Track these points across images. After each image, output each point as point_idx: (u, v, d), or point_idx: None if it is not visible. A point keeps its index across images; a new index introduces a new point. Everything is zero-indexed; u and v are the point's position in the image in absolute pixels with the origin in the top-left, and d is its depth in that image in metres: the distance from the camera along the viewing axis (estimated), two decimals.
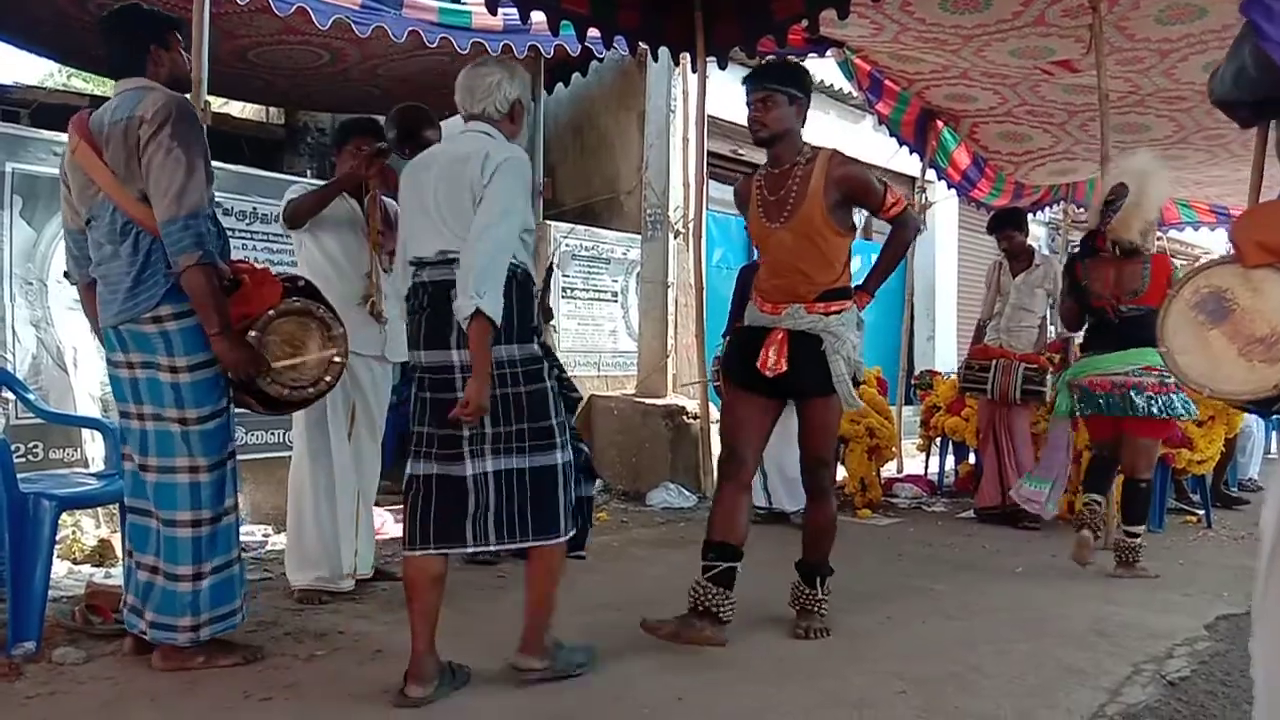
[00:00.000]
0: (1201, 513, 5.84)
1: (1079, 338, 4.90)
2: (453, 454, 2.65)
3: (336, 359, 3.04)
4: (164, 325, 2.76)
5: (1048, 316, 6.07)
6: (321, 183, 3.85)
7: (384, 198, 3.82)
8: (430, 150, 2.90)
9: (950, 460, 7.07)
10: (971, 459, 6.61)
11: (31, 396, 3.80)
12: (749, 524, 3.29)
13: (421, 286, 2.68)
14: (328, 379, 3.04)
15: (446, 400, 2.62)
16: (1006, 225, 5.93)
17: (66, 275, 3.11)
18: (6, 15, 5.89)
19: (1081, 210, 10.85)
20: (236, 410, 3.00)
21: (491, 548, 2.74)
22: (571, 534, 2.80)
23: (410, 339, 2.74)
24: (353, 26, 5.11)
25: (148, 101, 2.74)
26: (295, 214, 3.65)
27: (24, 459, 4.10)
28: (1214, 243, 17.25)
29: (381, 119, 3.94)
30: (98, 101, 6.80)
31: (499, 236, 2.55)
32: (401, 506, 2.77)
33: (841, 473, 6.43)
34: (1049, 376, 5.62)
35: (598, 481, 6.58)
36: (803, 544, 3.46)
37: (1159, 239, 11.66)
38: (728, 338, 5.55)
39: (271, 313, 2.89)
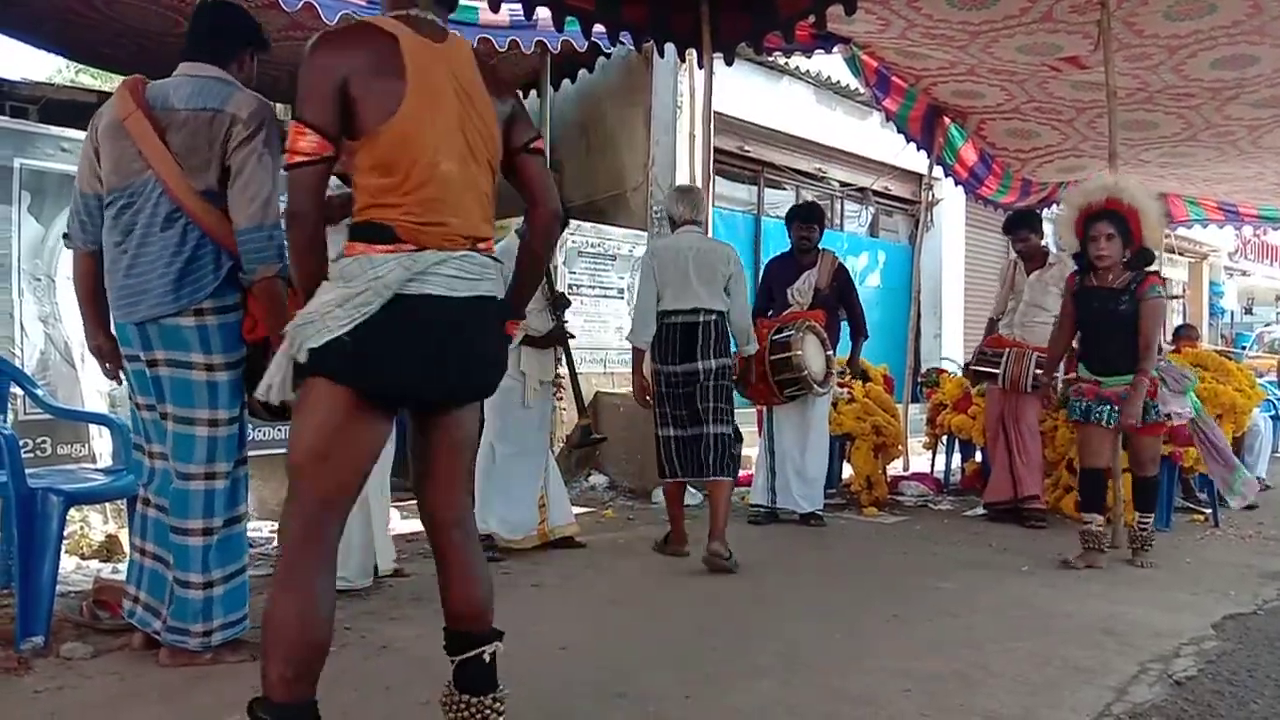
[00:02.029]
0: (1209, 511, 5.82)
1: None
2: (696, 422, 4.41)
3: None
4: (204, 320, 2.70)
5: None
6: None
7: None
8: (678, 239, 4.49)
9: (957, 458, 7.06)
10: (978, 457, 6.59)
11: (40, 392, 3.81)
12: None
13: (675, 326, 4.40)
14: None
15: (692, 391, 4.39)
16: (1021, 227, 5.93)
17: (66, 237, 2.95)
18: (14, 10, 5.91)
19: None
20: None
21: (710, 477, 4.41)
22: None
23: (662, 357, 4.42)
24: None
25: (240, 101, 2.68)
26: (332, 212, 3.65)
27: (32, 454, 4.12)
28: (1222, 240, 17.22)
29: None
30: (105, 97, 6.83)
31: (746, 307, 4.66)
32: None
33: (848, 470, 6.43)
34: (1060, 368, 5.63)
35: (604, 478, 6.67)
36: None
37: (1167, 237, 11.65)
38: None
39: None
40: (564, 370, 4.77)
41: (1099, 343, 4.50)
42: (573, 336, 4.74)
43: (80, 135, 4.23)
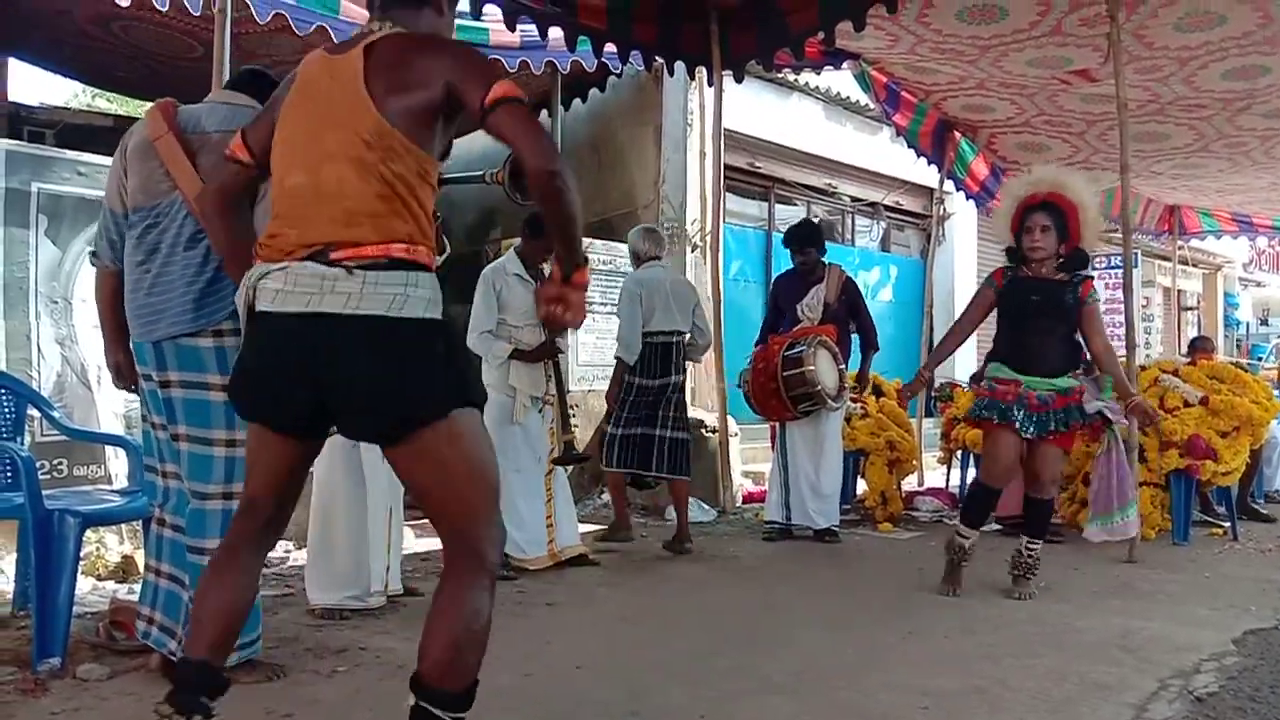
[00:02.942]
0: (1227, 525, 5.77)
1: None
2: (650, 425, 5.08)
3: None
4: (223, 340, 2.69)
5: None
6: None
7: None
8: (654, 272, 5.13)
9: (972, 473, 7.01)
10: None
11: (56, 414, 3.84)
12: None
13: (656, 345, 5.04)
14: None
15: (660, 399, 5.07)
16: None
17: (93, 254, 2.96)
18: (30, 36, 5.99)
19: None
20: None
21: (659, 474, 5.16)
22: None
23: (645, 371, 5.03)
24: None
25: None
26: None
27: (49, 476, 4.14)
28: (1236, 251, 17.12)
29: None
30: (122, 121, 6.92)
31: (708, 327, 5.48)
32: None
33: (862, 486, 6.40)
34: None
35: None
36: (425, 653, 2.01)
37: (1180, 248, 11.60)
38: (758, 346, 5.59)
39: None
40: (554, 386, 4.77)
41: (1028, 338, 4.12)
42: (562, 352, 4.72)
43: (97, 159, 4.31)
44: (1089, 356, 4.27)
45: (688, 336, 5.19)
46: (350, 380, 1.88)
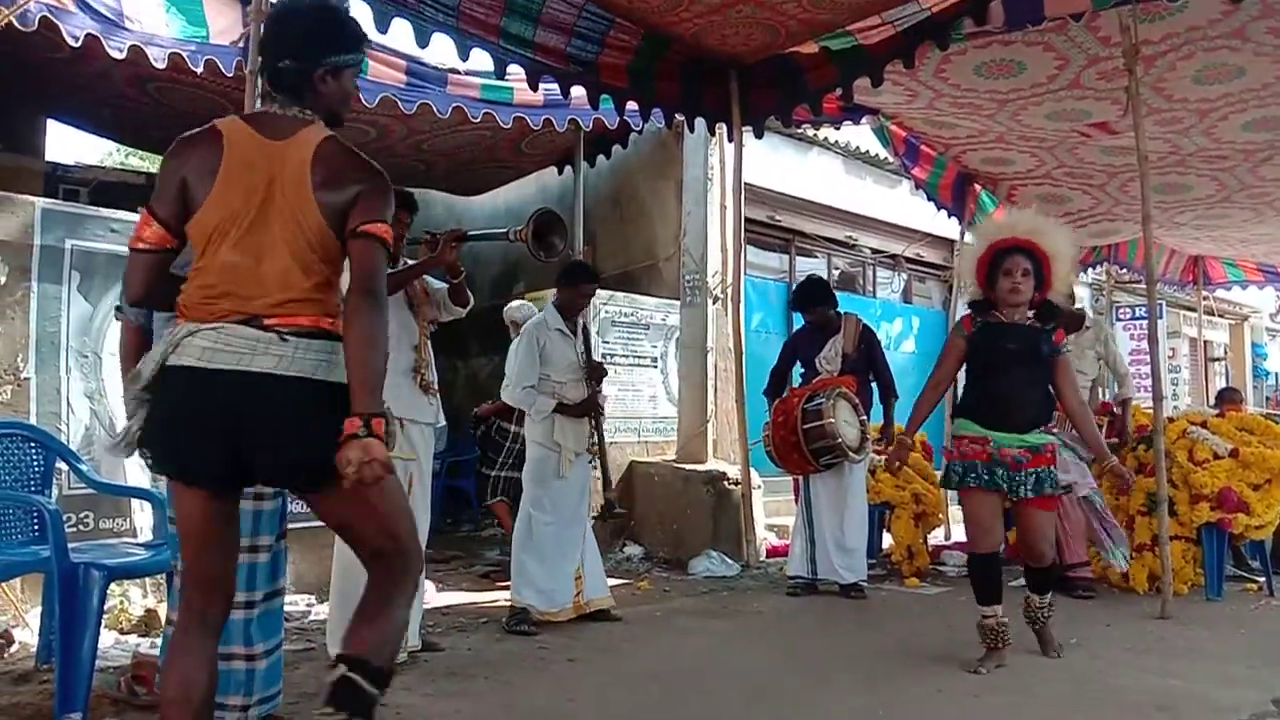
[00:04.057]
0: (1262, 580, 5.65)
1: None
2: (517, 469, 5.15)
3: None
4: None
5: (1098, 379, 5.99)
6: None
7: (427, 275, 3.91)
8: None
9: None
10: None
11: (84, 467, 3.87)
12: None
13: None
14: None
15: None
16: None
17: (118, 309, 3.02)
18: (70, 98, 6.16)
19: (1124, 271, 10.76)
20: None
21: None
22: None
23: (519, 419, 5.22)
24: (399, 103, 5.27)
25: None
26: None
27: (75, 528, 4.16)
28: (1262, 301, 16.98)
29: (413, 191, 4.07)
30: (154, 179, 7.03)
31: None
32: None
33: (887, 540, 6.33)
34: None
35: (639, 548, 6.61)
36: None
37: (1206, 299, 11.53)
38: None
39: None
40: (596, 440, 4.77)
41: (1001, 389, 3.86)
42: (602, 409, 4.74)
43: (130, 216, 4.39)
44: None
45: None
46: (275, 433, 2.03)
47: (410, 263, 3.89)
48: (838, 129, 8.11)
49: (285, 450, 2.04)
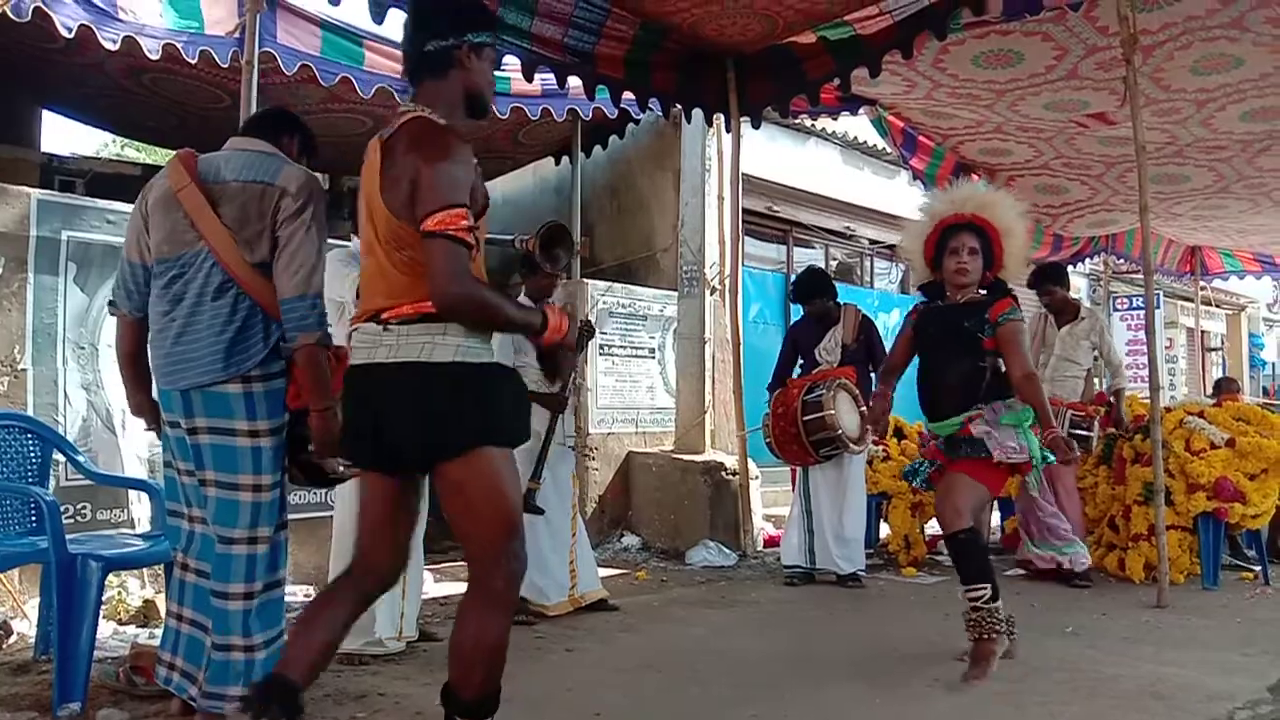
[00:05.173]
0: (1258, 569, 5.66)
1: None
2: None
3: None
4: (251, 387, 2.71)
5: (1092, 369, 5.99)
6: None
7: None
8: None
9: (996, 516, 6.94)
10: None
11: (81, 458, 3.87)
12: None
13: None
14: None
15: None
16: (1046, 281, 5.88)
17: (111, 304, 2.98)
18: (65, 89, 6.14)
19: (1121, 261, 10.77)
20: None
21: None
22: None
23: None
24: (395, 95, 5.26)
25: (289, 174, 2.73)
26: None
27: (73, 520, 4.17)
28: (1259, 291, 17.00)
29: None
30: (150, 170, 7.04)
31: None
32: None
33: (885, 530, 6.34)
34: (1095, 425, 5.56)
35: (637, 538, 6.61)
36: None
37: (1203, 289, 11.54)
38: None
39: None
40: (572, 430, 4.76)
41: (926, 378, 3.70)
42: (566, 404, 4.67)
43: (126, 208, 4.38)
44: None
45: None
46: (391, 417, 2.19)
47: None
48: (835, 119, 8.10)
49: (398, 432, 2.18)
